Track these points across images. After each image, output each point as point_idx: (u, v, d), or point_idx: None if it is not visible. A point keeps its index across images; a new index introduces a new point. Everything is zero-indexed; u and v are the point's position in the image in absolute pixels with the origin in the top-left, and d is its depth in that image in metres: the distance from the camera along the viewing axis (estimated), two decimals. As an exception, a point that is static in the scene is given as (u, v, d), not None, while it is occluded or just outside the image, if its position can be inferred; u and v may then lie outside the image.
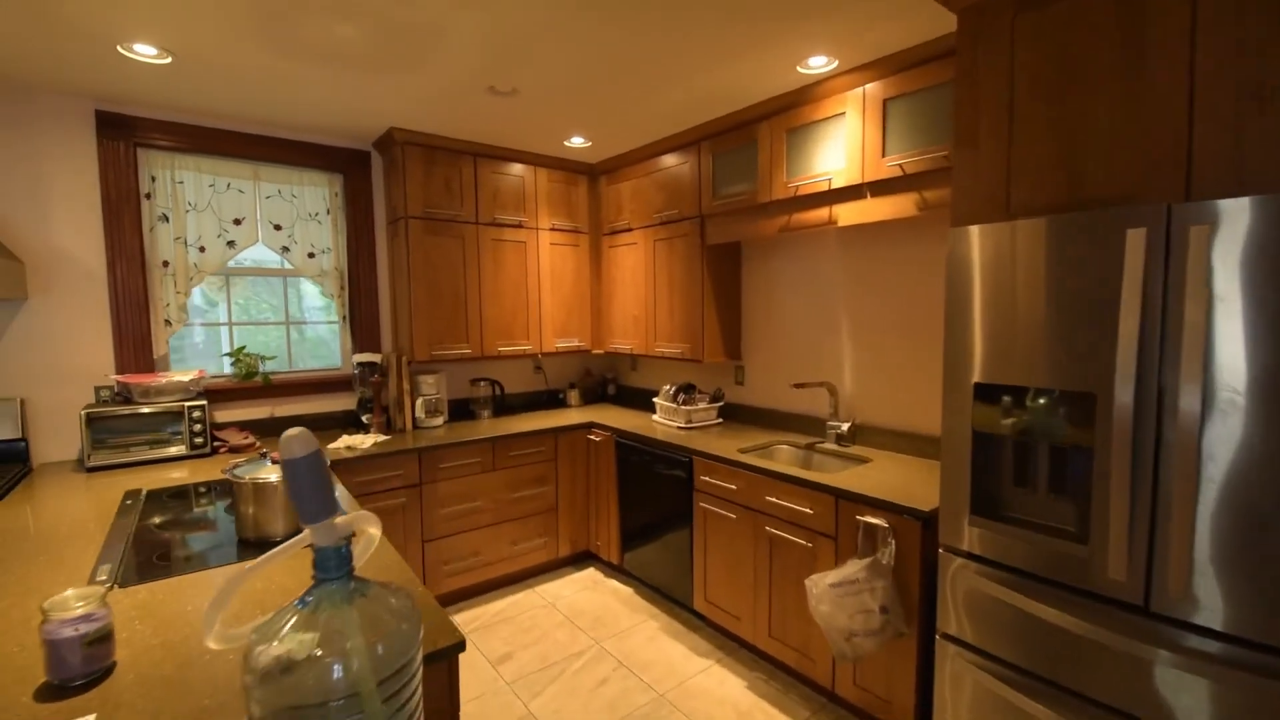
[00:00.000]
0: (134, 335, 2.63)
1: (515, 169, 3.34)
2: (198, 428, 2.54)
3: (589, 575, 3.35)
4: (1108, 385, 1.30)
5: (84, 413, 2.32)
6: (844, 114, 2.33)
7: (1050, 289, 1.39)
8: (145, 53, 2.05)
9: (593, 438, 3.36)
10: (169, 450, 2.49)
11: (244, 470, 1.66)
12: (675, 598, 2.86)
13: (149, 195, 2.65)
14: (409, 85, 2.39)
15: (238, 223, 2.86)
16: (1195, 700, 1.21)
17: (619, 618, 2.90)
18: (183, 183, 2.72)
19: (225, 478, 1.77)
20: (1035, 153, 1.52)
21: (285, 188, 2.99)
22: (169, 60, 2.12)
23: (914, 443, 2.50)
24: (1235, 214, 1.13)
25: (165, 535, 1.70)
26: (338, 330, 3.26)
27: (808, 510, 2.20)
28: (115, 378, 2.45)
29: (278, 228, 2.97)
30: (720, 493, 2.57)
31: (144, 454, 2.44)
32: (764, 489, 2.37)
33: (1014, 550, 1.48)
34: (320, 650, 0.69)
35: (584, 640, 2.71)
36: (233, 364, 2.86)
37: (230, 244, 2.84)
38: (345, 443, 2.77)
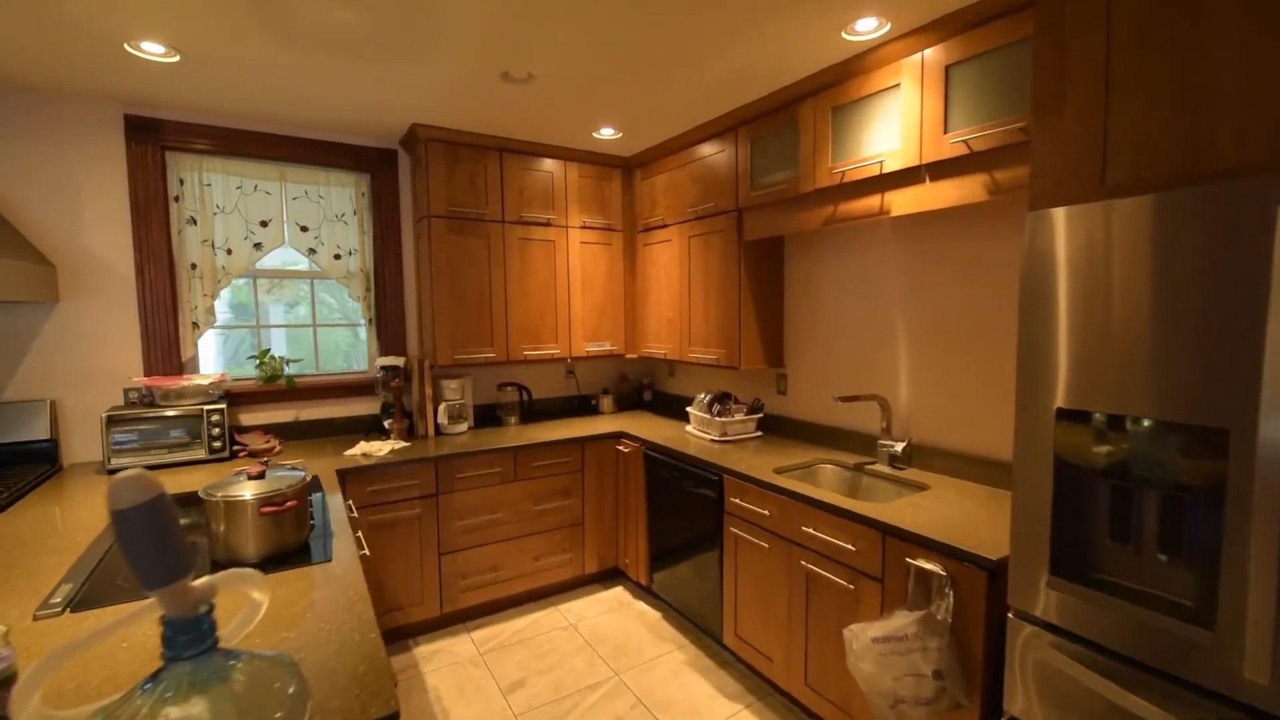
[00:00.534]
0: (162, 338, 2.64)
1: (543, 164, 3.18)
2: (216, 431, 2.51)
3: (616, 595, 3.14)
4: (1247, 417, 0.96)
5: (104, 415, 2.32)
6: (898, 85, 2.02)
7: (1160, 287, 1.06)
8: (153, 51, 2.01)
9: (621, 448, 3.15)
10: (188, 454, 2.47)
11: (219, 486, 1.55)
12: (705, 628, 2.61)
13: (177, 198, 2.66)
14: (419, 75, 2.26)
15: (264, 224, 2.84)
16: None
17: (643, 646, 2.68)
18: (210, 185, 2.72)
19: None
20: (1140, 115, 1.18)
21: (312, 188, 2.95)
22: (177, 58, 2.08)
23: (981, 468, 2.14)
24: None
25: (147, 549, 1.61)
26: (364, 333, 3.20)
27: (849, 546, 1.90)
28: (139, 380, 2.46)
29: (304, 229, 2.94)
30: (752, 517, 2.30)
31: (163, 457, 2.43)
32: (799, 517, 2.09)
33: (1106, 624, 1.15)
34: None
35: (603, 670, 2.51)
36: (257, 367, 2.84)
37: (257, 246, 2.83)
38: (362, 449, 2.68)
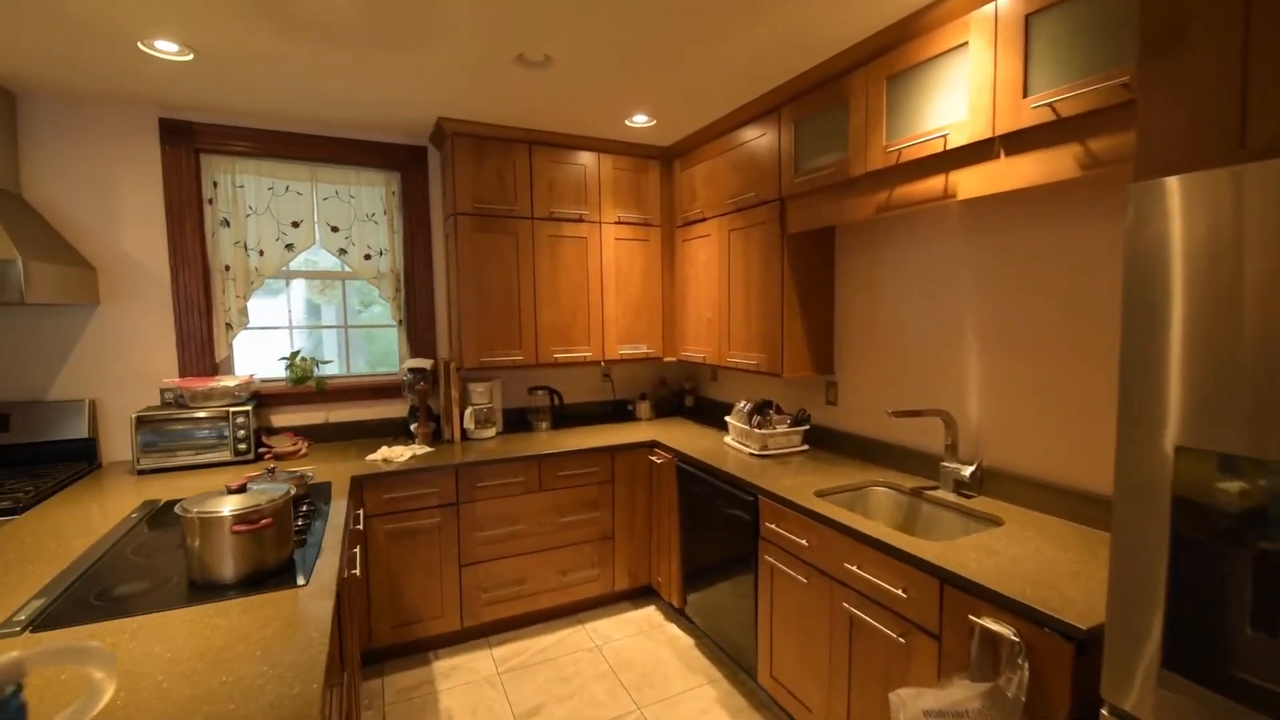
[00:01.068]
0: (196, 339, 2.67)
1: (575, 157, 3.01)
2: (241, 433, 2.50)
3: (647, 616, 2.93)
4: None
5: (133, 417, 2.35)
6: (965, 45, 1.69)
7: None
8: (167, 49, 1.98)
9: (654, 459, 2.94)
10: (214, 455, 2.47)
11: (197, 501, 1.47)
12: (739, 661, 2.36)
13: (211, 200, 2.67)
14: (431, 64, 2.14)
15: (296, 225, 2.82)
16: None
17: (670, 677, 2.46)
18: (243, 187, 2.72)
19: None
20: (1308, 42, 0.85)
21: (343, 188, 2.92)
22: (191, 57, 2.04)
23: (1069, 501, 1.78)
24: None
25: (139, 561, 1.56)
26: (395, 334, 3.15)
27: (899, 591, 1.60)
28: (168, 381, 2.48)
29: (335, 229, 2.90)
30: (788, 546, 2.04)
31: (190, 459, 2.43)
32: (841, 551, 1.81)
33: (1250, 749, 0.84)
34: None
35: (625, 702, 2.31)
36: (287, 368, 2.83)
37: (289, 247, 2.81)
38: (383, 454, 2.61)
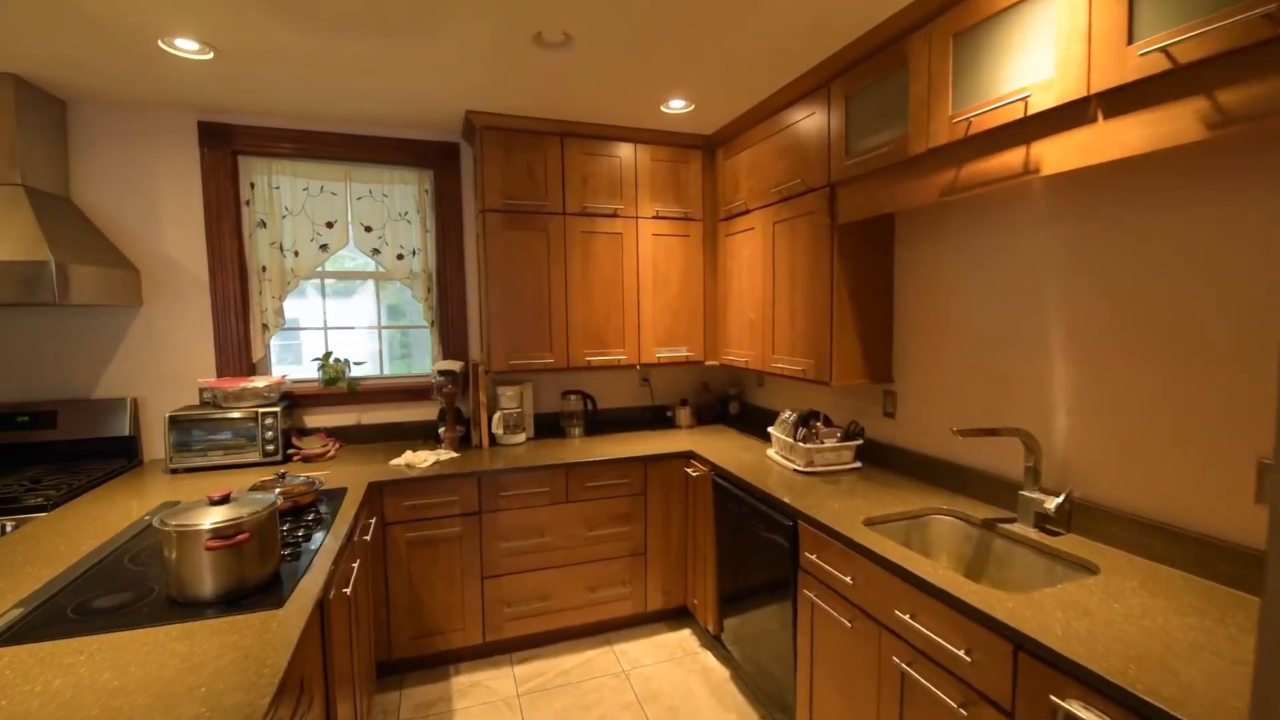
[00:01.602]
0: (233, 339, 2.69)
1: (610, 148, 2.84)
2: (269, 435, 2.49)
3: (680, 641, 2.72)
4: None
5: (166, 416, 2.37)
6: (1053, -15, 1.39)
7: None
8: (187, 48, 1.96)
9: (690, 470, 2.72)
10: (243, 456, 2.47)
11: (177, 512, 1.39)
12: (778, 701, 2.11)
13: (248, 202, 2.69)
14: (446, 48, 2.02)
15: (330, 226, 2.81)
16: None
17: (700, 714, 2.24)
18: (279, 188, 2.72)
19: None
20: None
21: (376, 187, 2.88)
22: (211, 55, 2.02)
23: (1187, 548, 1.43)
24: None
25: (132, 570, 1.51)
26: (428, 335, 3.09)
27: (961, 653, 1.32)
28: (203, 381, 2.50)
29: (368, 229, 2.87)
30: (830, 581, 1.78)
31: (220, 459, 2.44)
32: (891, 594, 1.53)
33: None
34: None
35: (647, 739, 2.11)
36: (320, 369, 2.82)
37: (323, 247, 2.80)
38: (406, 459, 2.53)
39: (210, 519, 1.37)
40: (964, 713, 1.31)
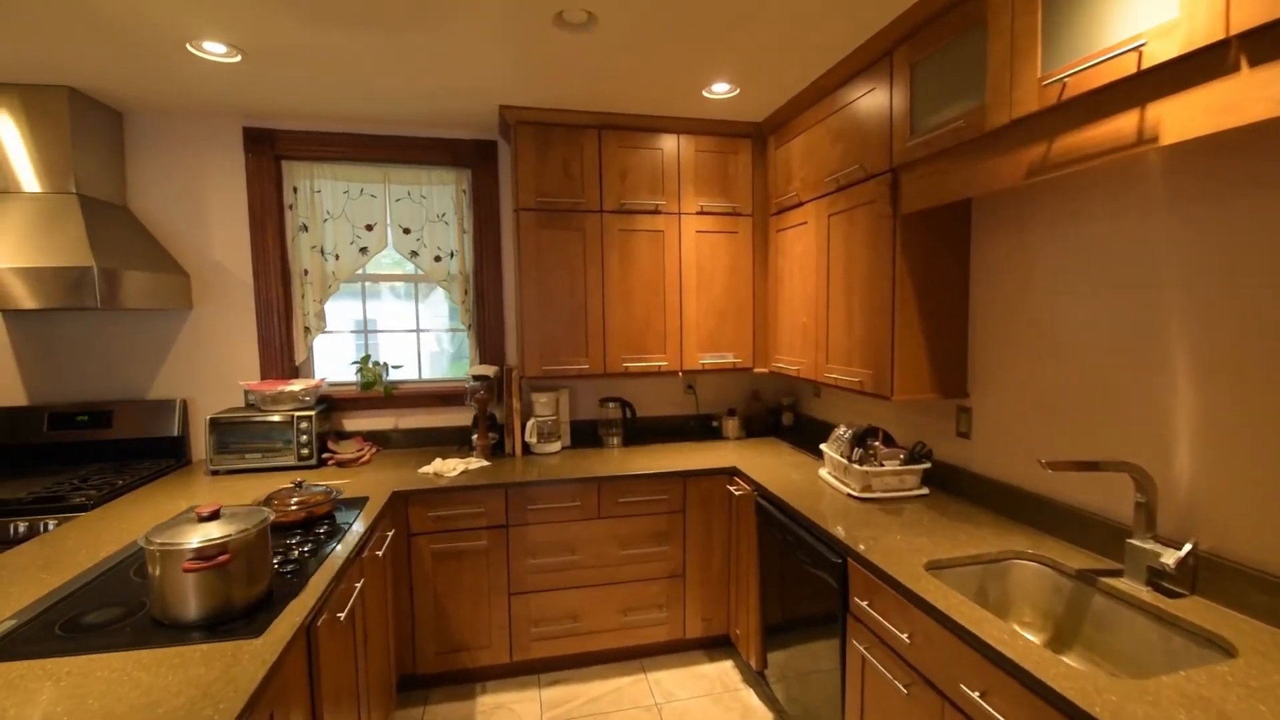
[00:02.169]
0: (276, 342, 2.72)
1: (651, 141, 2.65)
2: (304, 439, 2.48)
3: (720, 674, 2.49)
4: None
5: (208, 418, 2.40)
6: (1182, -104, 1.08)
7: None
8: (215, 50, 1.95)
9: (733, 489, 2.49)
10: (280, 459, 2.47)
11: (163, 529, 1.33)
12: (822, 761, 1.86)
13: (291, 206, 2.71)
14: (465, 36, 1.90)
15: (369, 228, 2.79)
16: None
17: (736, 763, 2.01)
18: (320, 192, 2.73)
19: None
20: None
21: (414, 189, 2.83)
22: (239, 58, 2.00)
23: (1370, 633, 1.08)
24: None
25: (134, 582, 1.48)
26: (466, 339, 3.02)
27: (1042, 750, 1.04)
28: (243, 384, 2.52)
29: (406, 231, 2.83)
30: (884, 635, 1.51)
31: (257, 462, 2.46)
32: (958, 663, 1.26)
33: None
34: None
35: (675, 787, 1.91)
36: (358, 372, 2.80)
37: (362, 250, 2.78)
38: (435, 468, 2.46)
39: (197, 537, 1.30)
40: (1048, 830, 1.03)
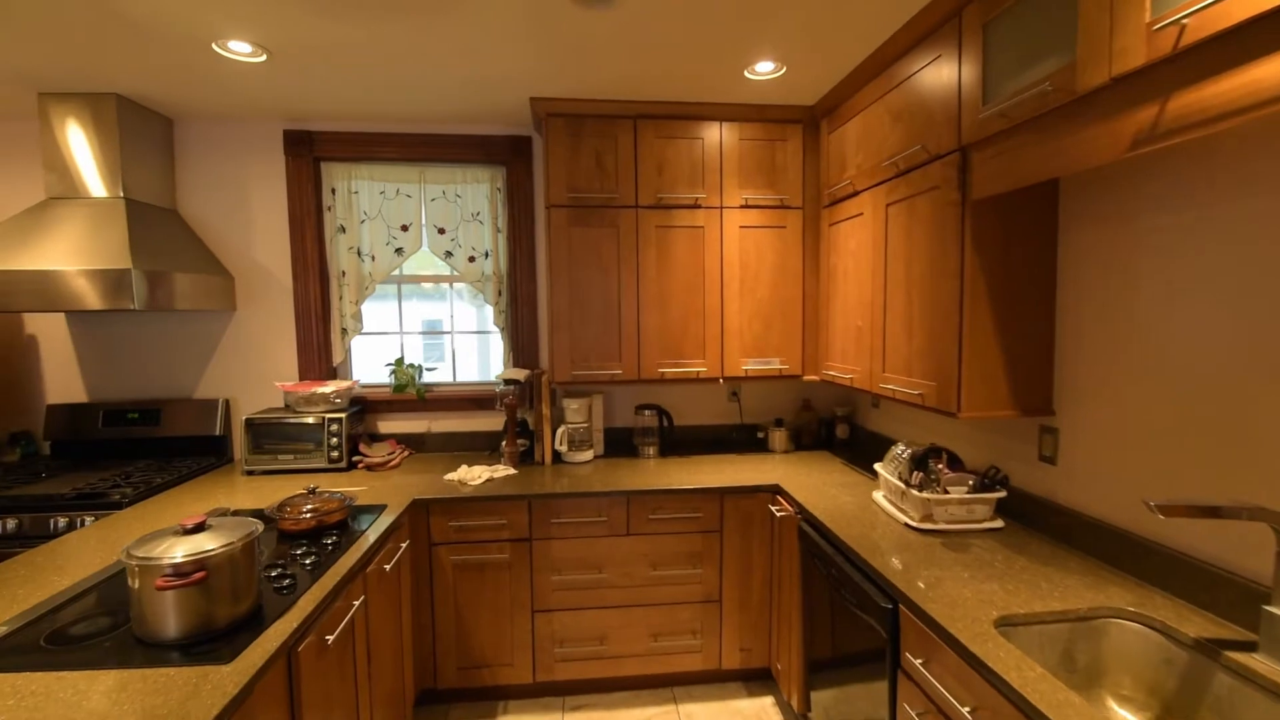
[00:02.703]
0: (315, 343, 2.73)
1: (691, 129, 2.47)
2: (335, 441, 2.46)
3: (759, 711, 2.27)
4: None
5: (244, 419, 2.42)
6: None
7: None
8: (241, 50, 1.93)
9: (775, 509, 2.26)
10: (311, 462, 2.46)
11: (144, 543, 1.28)
12: (868, 832, 1.61)
13: (329, 207, 2.71)
14: (485, 22, 1.79)
15: (405, 229, 2.75)
16: None
17: (769, 821, 1.79)
18: (357, 193, 2.72)
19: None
20: None
21: (449, 188, 2.77)
22: (264, 57, 1.98)
23: None
24: None
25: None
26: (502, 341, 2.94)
27: None
28: (278, 385, 2.54)
29: (441, 231, 2.78)
30: (942, 703, 1.26)
31: (289, 463, 2.45)
32: (1030, 754, 1.01)
33: None
34: None
35: (699, 843, 1.72)
36: (391, 374, 2.77)
37: (398, 251, 2.75)
38: (460, 475, 2.37)
39: (181, 550, 1.24)
40: None
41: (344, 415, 2.48)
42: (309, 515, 1.79)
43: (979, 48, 1.53)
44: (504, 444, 2.59)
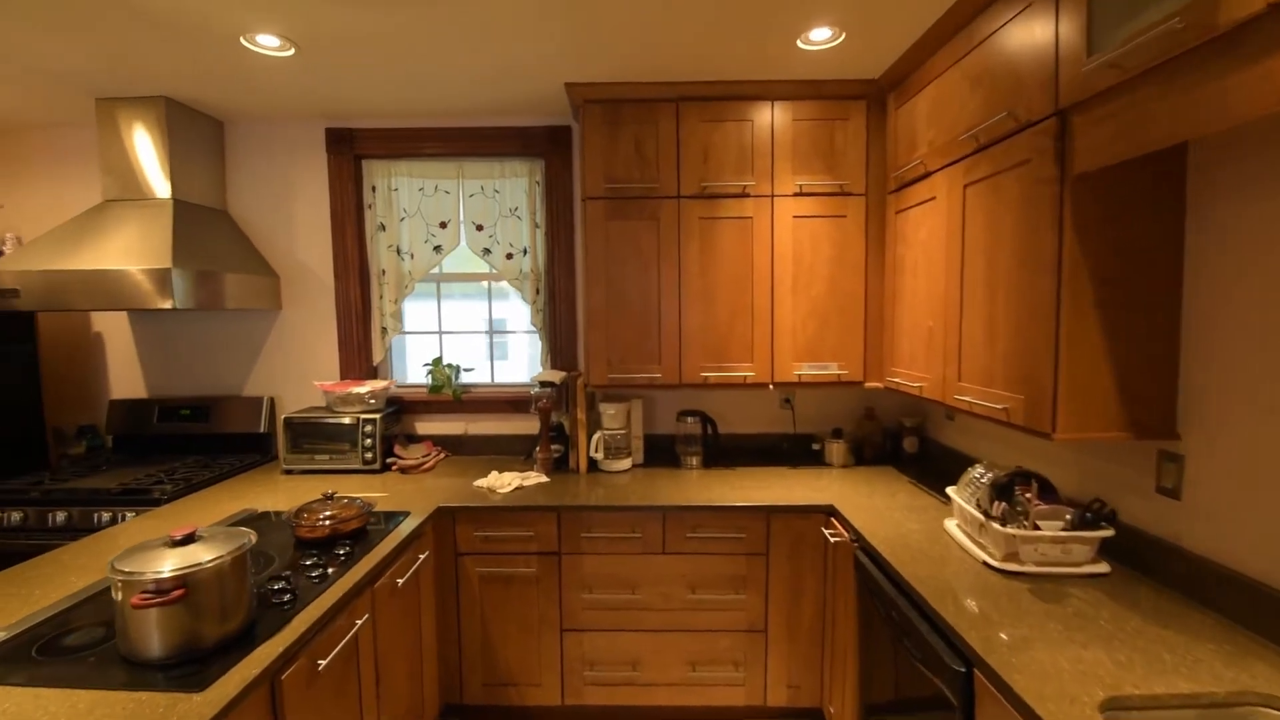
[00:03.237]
0: (355, 342, 2.71)
1: (738, 110, 2.25)
2: (369, 442, 2.42)
3: (808, 758, 2.03)
4: None
5: (284, 418, 2.42)
6: None
7: None
8: (269, 44, 1.90)
9: (829, 533, 2.01)
10: (346, 462, 2.44)
11: (129, 556, 1.21)
12: None
13: (370, 205, 2.68)
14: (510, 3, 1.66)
15: (443, 226, 2.68)
16: None
17: None
18: (397, 190, 2.68)
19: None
20: None
21: (487, 183, 2.68)
22: (292, 51, 1.94)
23: None
24: None
25: (149, 593, 1.42)
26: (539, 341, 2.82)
27: None
28: (317, 384, 2.52)
29: (479, 228, 2.69)
30: (1024, 799, 1.01)
31: (325, 463, 2.44)
32: None
33: None
34: None
35: None
36: (428, 374, 2.71)
37: (436, 249, 2.69)
38: (489, 481, 2.27)
39: (166, 564, 1.17)
40: None
41: (378, 416, 2.44)
42: (325, 523, 1.72)
43: (1084, -14, 1.24)
44: (537, 450, 2.47)
